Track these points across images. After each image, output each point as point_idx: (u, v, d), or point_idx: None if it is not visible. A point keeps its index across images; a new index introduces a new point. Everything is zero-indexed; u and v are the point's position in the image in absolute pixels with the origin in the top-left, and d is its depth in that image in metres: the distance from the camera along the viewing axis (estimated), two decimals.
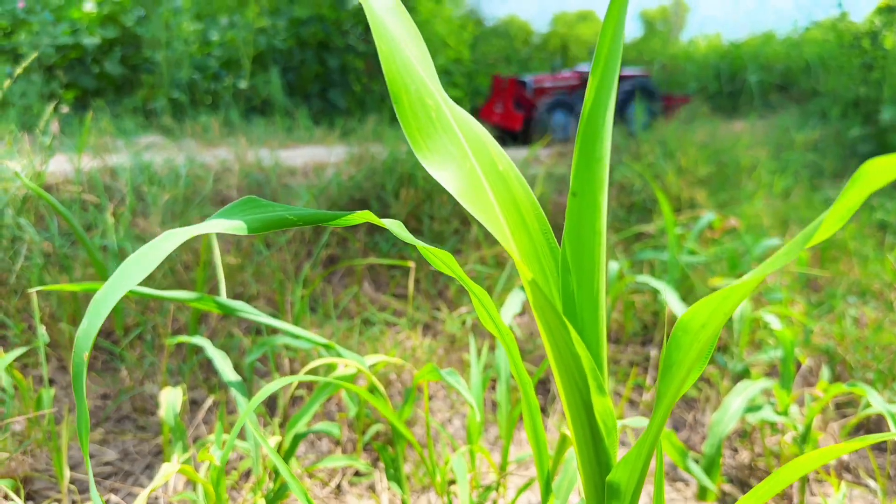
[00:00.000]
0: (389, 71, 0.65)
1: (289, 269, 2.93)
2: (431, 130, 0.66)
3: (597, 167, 0.62)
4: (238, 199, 0.71)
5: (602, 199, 0.63)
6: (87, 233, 2.70)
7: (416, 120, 0.66)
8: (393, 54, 0.65)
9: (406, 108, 0.65)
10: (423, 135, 0.66)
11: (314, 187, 3.57)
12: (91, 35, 7.20)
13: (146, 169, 3.32)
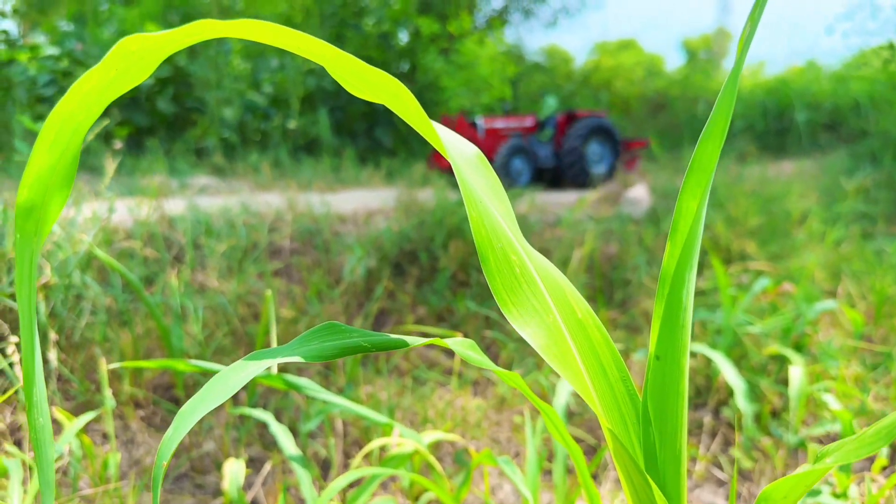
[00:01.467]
0: (478, 234, 0.68)
1: (340, 322, 2.98)
2: (516, 286, 0.69)
3: (680, 333, 0.65)
4: (317, 326, 0.75)
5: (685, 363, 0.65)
6: (149, 287, 2.79)
7: (501, 277, 0.69)
8: (482, 218, 0.68)
9: (493, 267, 0.68)
10: (509, 291, 0.69)
11: (364, 237, 3.64)
12: None
13: (203, 219, 3.42)
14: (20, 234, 0.75)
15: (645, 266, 3.58)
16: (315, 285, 2.92)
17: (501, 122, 6.65)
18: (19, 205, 0.74)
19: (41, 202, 0.76)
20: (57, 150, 0.74)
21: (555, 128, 6.89)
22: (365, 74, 0.67)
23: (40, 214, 0.76)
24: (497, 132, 6.56)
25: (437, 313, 3.17)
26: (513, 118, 6.77)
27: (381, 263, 3.33)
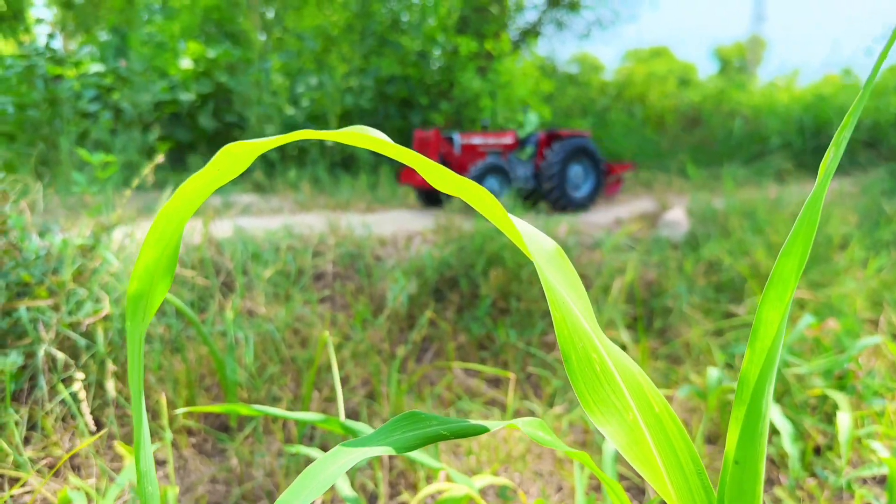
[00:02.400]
0: (561, 334, 0.72)
1: (383, 349, 3.03)
2: (597, 385, 0.73)
3: (759, 441, 0.67)
4: (399, 416, 0.79)
5: (762, 469, 0.68)
6: (200, 315, 2.87)
7: (583, 376, 0.72)
8: (564, 318, 0.72)
9: (574, 366, 0.72)
10: (590, 390, 0.72)
11: (405, 263, 3.69)
12: (187, 91, 7.64)
13: (249, 243, 3.50)
14: (131, 321, 0.81)
15: (686, 294, 3.58)
16: (360, 314, 2.98)
17: (479, 138, 6.19)
18: (130, 295, 0.80)
19: (148, 290, 0.82)
20: (161, 245, 0.80)
21: (536, 146, 6.46)
22: (449, 177, 0.71)
23: (147, 301, 0.82)
24: (474, 149, 6.12)
25: (478, 341, 3.21)
26: (491, 135, 6.31)
27: (422, 289, 3.37)
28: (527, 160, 6.33)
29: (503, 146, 6.26)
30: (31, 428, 2.19)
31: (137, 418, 0.80)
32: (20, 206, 2.60)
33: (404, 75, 8.34)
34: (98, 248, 2.60)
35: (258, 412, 1.46)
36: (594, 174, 6.39)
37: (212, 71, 7.95)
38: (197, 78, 7.90)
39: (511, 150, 6.30)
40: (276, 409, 1.65)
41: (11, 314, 2.36)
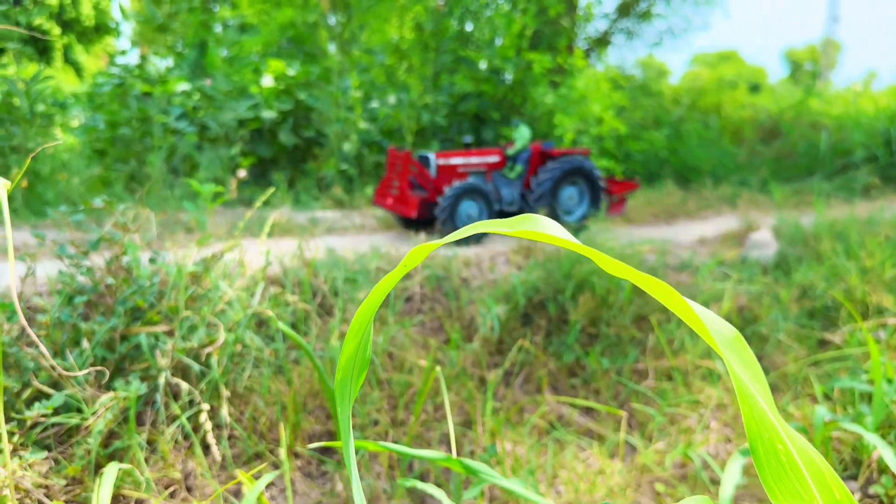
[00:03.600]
0: (749, 427, 0.73)
1: (474, 373, 3.07)
2: (782, 475, 0.74)
3: None
4: None
5: None
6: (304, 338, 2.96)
7: (769, 467, 0.73)
8: (752, 411, 0.73)
9: (762, 459, 0.73)
10: (776, 480, 0.73)
11: (490, 285, 3.72)
12: (269, 108, 7.87)
13: (341, 265, 3.59)
14: (340, 404, 0.89)
15: (780, 321, 3.50)
16: (454, 340, 3.02)
17: (459, 157, 5.52)
18: (338, 381, 0.88)
19: (350, 376, 0.90)
20: (358, 337, 0.87)
21: (527, 163, 5.73)
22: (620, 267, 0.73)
23: (350, 386, 0.90)
24: (453, 169, 5.45)
25: (569, 368, 3.21)
26: (474, 153, 5.62)
27: (511, 314, 3.39)
28: (516, 179, 5.71)
29: (488, 165, 5.62)
30: (149, 450, 2.31)
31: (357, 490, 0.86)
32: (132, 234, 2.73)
33: (478, 91, 8.39)
34: (208, 275, 2.72)
35: (384, 448, 1.51)
36: (590, 197, 5.76)
37: (292, 88, 8.18)
38: (277, 96, 8.14)
39: (497, 168, 5.70)
40: (400, 446, 1.70)
41: (129, 339, 2.50)
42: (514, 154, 5.77)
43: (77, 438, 2.24)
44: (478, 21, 9.47)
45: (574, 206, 5.74)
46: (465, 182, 5.19)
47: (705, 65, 31.65)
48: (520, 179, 5.69)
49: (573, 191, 5.69)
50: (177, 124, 7.10)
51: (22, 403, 2.23)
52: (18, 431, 2.12)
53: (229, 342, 2.47)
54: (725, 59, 32.60)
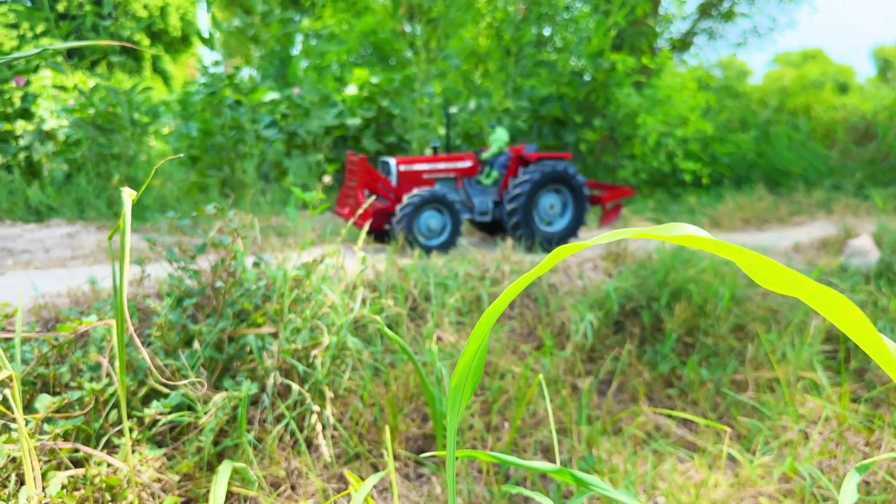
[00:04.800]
0: None
1: (566, 381, 3.04)
2: None
3: None
4: None
5: None
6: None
7: None
8: None
9: None
10: None
11: (579, 291, 3.68)
12: (353, 116, 8.03)
13: (430, 270, 3.62)
14: (451, 408, 0.91)
15: (888, 333, 3.33)
16: (547, 347, 3.00)
17: (424, 163, 5.03)
18: (452, 387, 0.90)
19: (463, 384, 0.92)
20: (476, 344, 0.88)
21: (504, 169, 5.25)
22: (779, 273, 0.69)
23: (463, 393, 0.92)
24: (418, 176, 4.98)
25: (664, 378, 3.14)
26: (442, 158, 5.11)
27: (603, 321, 3.35)
28: (491, 186, 5.22)
29: (458, 171, 5.10)
30: (254, 448, 2.38)
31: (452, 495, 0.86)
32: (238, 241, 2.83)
33: (560, 94, 8.33)
34: (309, 279, 2.79)
35: (494, 458, 1.51)
36: (574, 206, 5.16)
37: (374, 95, 8.32)
38: (361, 103, 8.29)
39: (469, 174, 5.16)
40: (512, 457, 1.70)
41: (237, 340, 2.59)
42: (488, 159, 5.31)
43: (189, 436, 2.33)
44: (555, 25, 9.41)
45: (555, 215, 5.17)
46: (424, 190, 4.69)
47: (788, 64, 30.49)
48: (496, 186, 5.24)
49: (555, 199, 5.11)
50: (266, 132, 7.32)
51: (138, 402, 2.34)
52: (137, 428, 2.22)
53: (331, 345, 2.53)
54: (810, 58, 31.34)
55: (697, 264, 3.55)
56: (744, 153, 9.60)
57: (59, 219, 5.72)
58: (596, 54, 8.25)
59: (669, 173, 8.90)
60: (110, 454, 2.11)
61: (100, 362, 2.33)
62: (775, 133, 10.25)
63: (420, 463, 2.51)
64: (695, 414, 2.92)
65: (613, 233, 0.71)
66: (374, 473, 2.46)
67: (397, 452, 2.53)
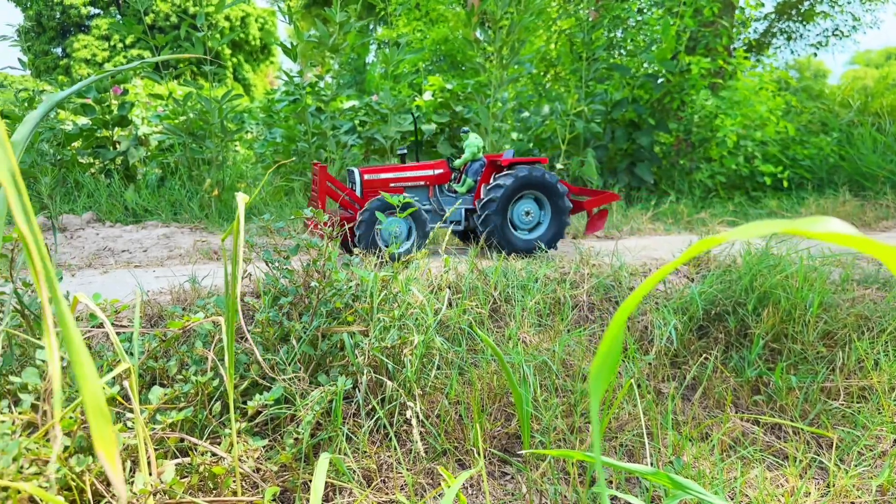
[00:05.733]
0: None
1: (649, 385, 3.03)
2: None
3: None
4: None
5: None
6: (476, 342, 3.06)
7: None
8: None
9: None
10: None
11: (661, 295, 3.66)
12: (428, 122, 8.16)
13: (510, 272, 3.67)
14: (594, 396, 0.95)
15: None
16: (631, 351, 3.01)
17: (390, 171, 4.80)
18: (592, 373, 0.94)
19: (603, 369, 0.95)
20: (617, 329, 0.92)
21: (478, 176, 5.01)
22: None
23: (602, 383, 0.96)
24: (384, 185, 4.76)
25: (751, 384, 3.10)
26: (410, 166, 4.88)
27: (687, 326, 3.32)
28: (465, 194, 4.97)
29: (428, 179, 4.86)
30: (348, 441, 2.48)
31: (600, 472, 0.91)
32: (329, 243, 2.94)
33: (632, 97, 8.26)
34: (396, 280, 2.88)
35: (591, 458, 1.55)
36: (553, 213, 4.87)
37: (449, 101, 8.43)
38: (436, 109, 8.42)
39: (441, 182, 4.91)
40: (610, 459, 1.74)
41: (329, 337, 2.70)
42: (461, 165, 5.07)
43: (286, 428, 2.45)
44: (627, 28, 9.33)
45: (533, 223, 4.90)
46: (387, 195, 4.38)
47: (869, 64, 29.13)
48: (471, 194, 4.99)
49: (531, 206, 4.85)
50: (345, 138, 7.52)
51: (238, 394, 2.47)
52: (239, 420, 2.35)
53: (420, 343, 2.61)
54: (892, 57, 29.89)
55: (785, 269, 3.48)
56: (825, 156, 9.29)
57: (155, 220, 6.04)
58: (668, 57, 8.13)
59: (748, 176, 8.68)
60: (213, 444, 2.23)
61: (204, 356, 2.47)
62: (859, 135, 9.86)
63: (505, 461, 2.56)
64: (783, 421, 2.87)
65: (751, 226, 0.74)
66: (461, 470, 2.53)
67: (482, 451, 2.58)
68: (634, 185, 8.30)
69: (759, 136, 7.79)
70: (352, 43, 8.42)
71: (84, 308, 3.06)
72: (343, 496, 2.23)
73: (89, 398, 0.76)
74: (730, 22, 10.23)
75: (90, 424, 0.75)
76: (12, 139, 1.60)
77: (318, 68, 8.05)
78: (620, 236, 5.60)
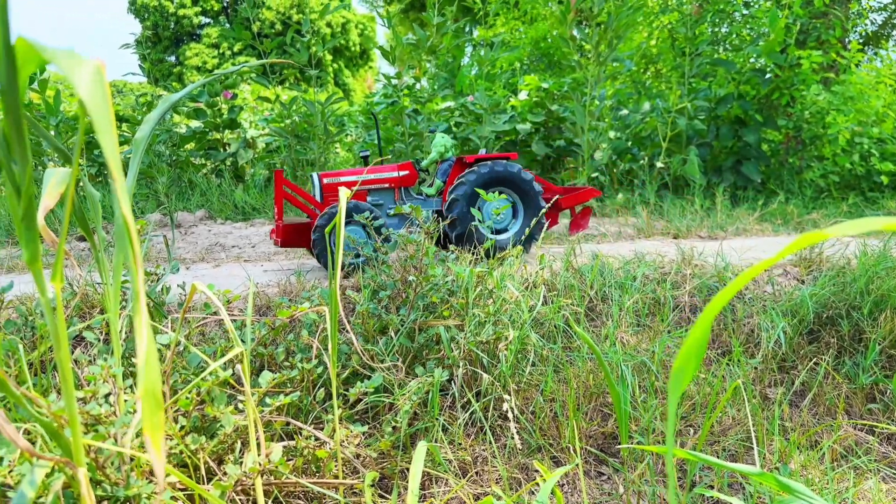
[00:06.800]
0: None
1: (755, 390, 2.92)
2: None
3: None
4: None
5: None
6: (573, 340, 3.03)
7: None
8: None
9: None
10: None
11: (768, 297, 3.51)
12: (523, 122, 8.14)
13: (606, 271, 3.62)
14: (673, 390, 0.94)
15: None
16: (736, 354, 2.91)
17: (351, 175, 4.49)
18: (674, 370, 0.94)
19: (685, 365, 0.95)
20: (703, 328, 0.91)
21: (446, 176, 4.73)
22: None
23: (684, 374, 0.95)
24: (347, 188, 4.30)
25: (865, 391, 2.93)
26: (372, 168, 4.58)
27: (796, 329, 3.18)
28: (435, 195, 4.69)
29: (393, 181, 4.55)
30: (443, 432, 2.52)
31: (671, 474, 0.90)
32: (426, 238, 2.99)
33: (739, 93, 7.94)
34: (491, 276, 2.90)
35: (697, 458, 1.51)
36: (526, 209, 4.51)
37: (544, 100, 8.39)
38: (531, 108, 8.39)
39: (407, 184, 4.61)
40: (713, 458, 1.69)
41: (426, 331, 2.75)
42: (427, 166, 4.79)
43: (385, 417, 2.51)
44: (732, 22, 8.97)
45: (505, 221, 4.56)
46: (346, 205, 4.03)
47: None
48: (439, 197, 4.71)
49: (501, 204, 4.46)
50: None
51: (339, 382, 2.56)
52: (341, 406, 2.44)
53: (515, 339, 2.62)
54: None
55: None
56: None
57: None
58: (777, 50, 7.76)
59: (864, 175, 8.17)
60: (316, 429, 2.32)
61: (310, 344, 2.57)
62: None
63: (601, 461, 2.53)
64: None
65: (860, 221, 0.71)
66: (556, 467, 2.52)
67: (578, 449, 2.56)
68: (740, 185, 7.97)
69: (877, 132, 7.31)
70: (448, 45, 8.52)
71: (199, 298, 3.25)
72: (439, 486, 2.27)
73: (148, 385, 0.81)
74: (844, 13, 9.67)
75: (143, 409, 0.81)
76: (135, 138, 1.73)
77: (416, 70, 8.18)
78: (725, 236, 5.40)
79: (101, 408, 1.75)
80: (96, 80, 0.87)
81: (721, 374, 2.75)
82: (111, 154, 0.83)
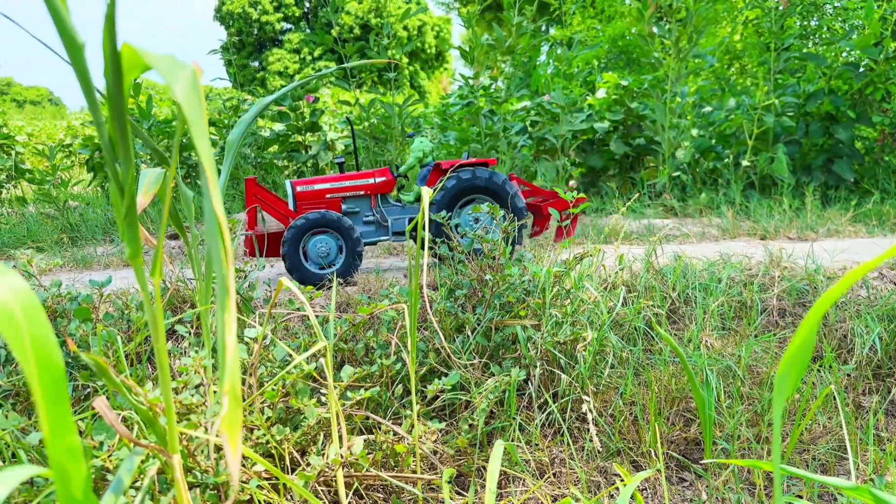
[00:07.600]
0: None
1: (847, 398, 2.79)
2: None
3: None
4: None
5: None
6: (654, 344, 2.97)
7: None
8: None
9: None
10: None
11: (863, 302, 3.35)
12: (601, 120, 8.01)
13: (689, 272, 3.52)
14: (778, 398, 0.91)
15: None
16: (828, 360, 2.78)
17: (325, 182, 4.31)
18: (779, 375, 0.91)
19: (789, 371, 0.91)
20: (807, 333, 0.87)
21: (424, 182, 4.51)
22: None
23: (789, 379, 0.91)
24: (319, 196, 4.27)
25: None
26: (347, 175, 4.37)
27: (894, 334, 3.01)
28: (413, 202, 4.47)
29: (368, 188, 4.34)
30: (520, 431, 2.51)
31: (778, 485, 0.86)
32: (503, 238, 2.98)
33: (830, 89, 7.57)
34: (569, 276, 2.87)
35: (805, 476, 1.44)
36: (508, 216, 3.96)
37: (623, 98, 8.24)
38: (609, 106, 8.26)
39: (384, 191, 4.40)
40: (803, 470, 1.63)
41: (502, 330, 2.74)
42: (405, 172, 4.50)
43: (461, 414, 2.52)
44: (823, 15, 8.56)
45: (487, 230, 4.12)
46: (312, 213, 4.02)
47: None
48: (418, 203, 4.44)
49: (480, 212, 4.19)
50: (516, 138, 7.58)
51: (417, 379, 2.58)
52: (419, 403, 2.46)
53: (593, 340, 2.58)
54: None
55: None
56: None
57: None
58: (871, 43, 7.36)
59: None
60: (394, 424, 2.35)
61: (388, 341, 2.61)
62: None
63: (683, 467, 2.47)
64: None
65: None
66: (636, 471, 2.47)
67: (658, 454, 2.51)
68: (831, 184, 7.60)
69: None
70: (525, 45, 8.47)
71: (283, 295, 3.34)
72: (516, 485, 2.26)
73: (230, 383, 0.84)
74: None
75: (226, 407, 0.83)
76: (228, 139, 1.80)
77: (492, 70, 8.17)
78: (816, 238, 5.17)
79: (193, 398, 1.83)
80: (193, 85, 0.91)
81: (811, 380, 2.64)
82: (206, 154, 0.86)
